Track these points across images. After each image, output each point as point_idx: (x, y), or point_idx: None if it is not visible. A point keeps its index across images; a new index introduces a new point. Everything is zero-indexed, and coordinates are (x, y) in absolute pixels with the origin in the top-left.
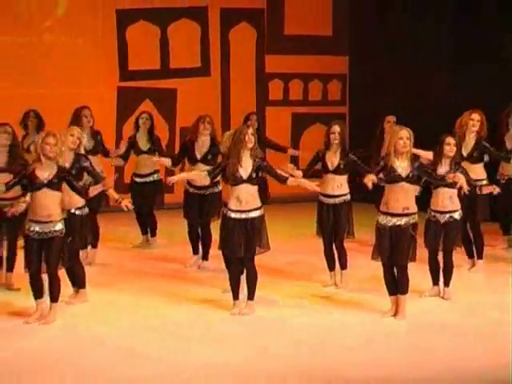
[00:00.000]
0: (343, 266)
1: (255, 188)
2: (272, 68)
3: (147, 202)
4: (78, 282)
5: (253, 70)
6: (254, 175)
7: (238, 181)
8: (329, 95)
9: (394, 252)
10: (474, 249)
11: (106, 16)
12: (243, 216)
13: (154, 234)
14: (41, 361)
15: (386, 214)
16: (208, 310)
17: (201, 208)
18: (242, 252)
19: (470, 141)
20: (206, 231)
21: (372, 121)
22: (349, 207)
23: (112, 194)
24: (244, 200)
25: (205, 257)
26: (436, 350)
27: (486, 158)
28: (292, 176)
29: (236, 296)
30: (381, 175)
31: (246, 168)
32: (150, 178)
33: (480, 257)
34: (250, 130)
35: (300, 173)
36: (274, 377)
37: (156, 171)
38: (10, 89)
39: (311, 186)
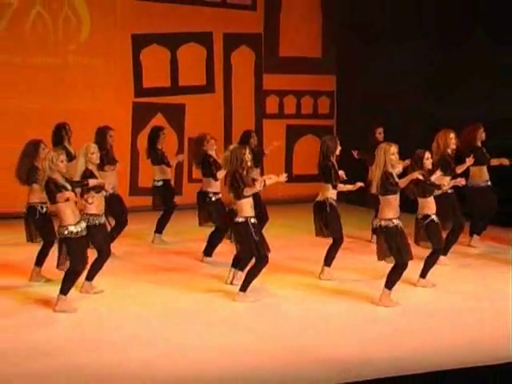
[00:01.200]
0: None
1: None
2: (268, 85)
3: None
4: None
5: (252, 87)
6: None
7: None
8: (319, 109)
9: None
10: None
11: (122, 40)
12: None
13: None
14: (71, 340)
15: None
16: (214, 298)
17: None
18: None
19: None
20: None
21: (356, 132)
22: None
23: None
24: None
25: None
26: (417, 332)
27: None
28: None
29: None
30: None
31: None
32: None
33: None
34: (248, 151)
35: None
36: (269, 355)
37: None
38: (39, 104)
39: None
